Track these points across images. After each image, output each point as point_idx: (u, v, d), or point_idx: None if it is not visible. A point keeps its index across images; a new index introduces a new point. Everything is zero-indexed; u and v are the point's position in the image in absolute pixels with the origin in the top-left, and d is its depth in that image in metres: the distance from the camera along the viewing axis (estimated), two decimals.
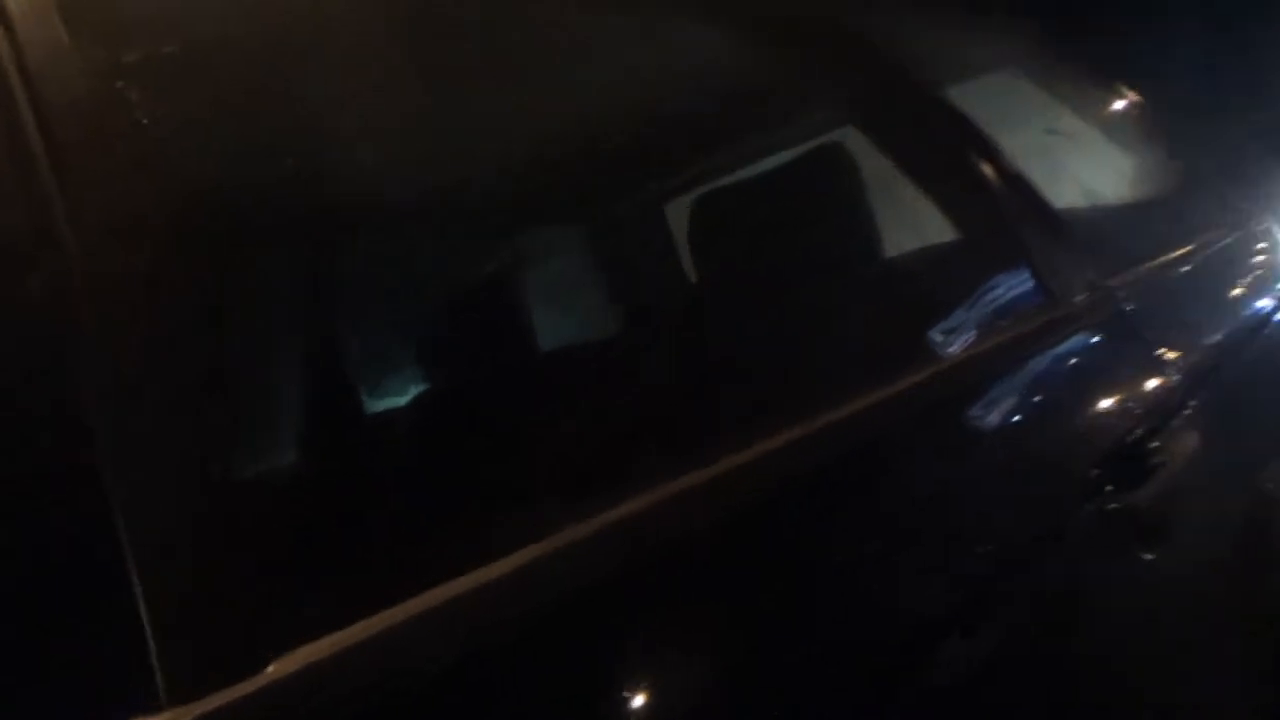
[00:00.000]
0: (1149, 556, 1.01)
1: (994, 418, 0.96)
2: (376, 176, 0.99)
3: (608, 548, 0.61)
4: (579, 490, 0.67)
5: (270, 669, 0.45)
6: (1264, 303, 1.71)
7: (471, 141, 1.17)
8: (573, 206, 1.69)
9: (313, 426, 0.67)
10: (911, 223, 1.32)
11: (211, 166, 0.70)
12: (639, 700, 0.57)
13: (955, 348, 1.02)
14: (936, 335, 1.05)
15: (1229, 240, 1.84)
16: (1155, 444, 1.11)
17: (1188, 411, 1.22)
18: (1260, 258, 1.94)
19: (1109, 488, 0.99)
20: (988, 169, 1.30)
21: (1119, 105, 2.14)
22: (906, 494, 0.82)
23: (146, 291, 0.50)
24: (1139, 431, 1.10)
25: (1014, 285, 1.20)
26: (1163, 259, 1.56)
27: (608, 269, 1.81)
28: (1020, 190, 1.31)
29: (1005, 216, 1.24)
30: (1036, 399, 1.03)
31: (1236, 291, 1.69)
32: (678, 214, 1.70)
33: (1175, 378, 1.26)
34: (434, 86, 1.07)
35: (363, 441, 0.69)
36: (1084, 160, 1.69)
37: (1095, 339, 1.19)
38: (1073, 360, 1.13)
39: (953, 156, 1.29)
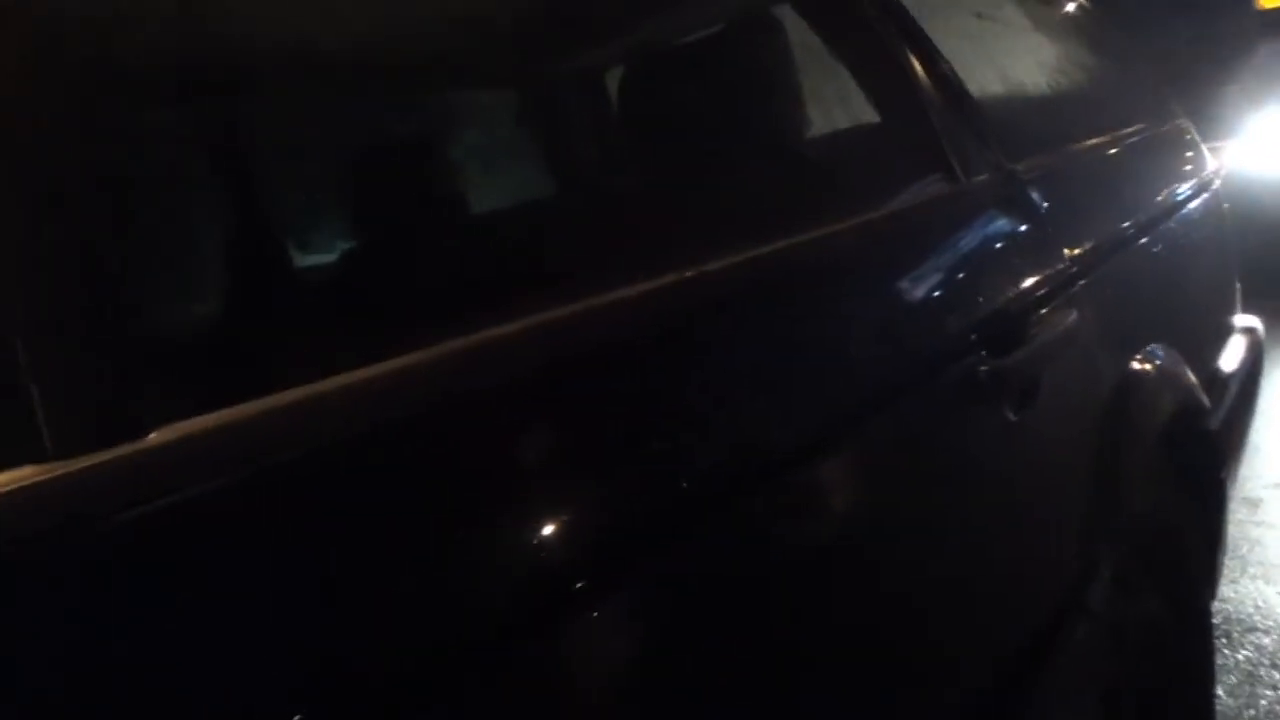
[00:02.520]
0: (1013, 418, 1.09)
1: (880, 274, 1.02)
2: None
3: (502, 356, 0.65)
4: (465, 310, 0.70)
5: (152, 436, 0.49)
6: (1165, 200, 1.78)
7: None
8: (503, 72, 1.69)
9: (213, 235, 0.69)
10: (831, 92, 1.35)
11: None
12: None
13: (854, 210, 1.07)
14: (839, 198, 1.10)
15: (1144, 138, 1.90)
16: (1034, 316, 1.18)
17: (1073, 291, 1.30)
18: (1172, 159, 2.01)
19: (983, 351, 1.06)
20: (908, 46, 1.33)
21: (1060, 3, 2.15)
22: (790, 336, 0.87)
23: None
24: (1020, 303, 1.17)
25: (919, 159, 1.24)
26: (1073, 148, 1.62)
27: (539, 133, 1.81)
28: (937, 69, 1.34)
29: (918, 93, 1.28)
30: (925, 263, 1.09)
31: (1141, 186, 1.76)
32: (611, 80, 1.71)
33: (1065, 259, 1.32)
34: None
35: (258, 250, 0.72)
36: (1009, 47, 1.72)
37: (991, 216, 1.25)
38: (966, 233, 1.19)
39: (875, 32, 1.31)
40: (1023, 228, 1.29)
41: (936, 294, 1.08)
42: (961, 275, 1.14)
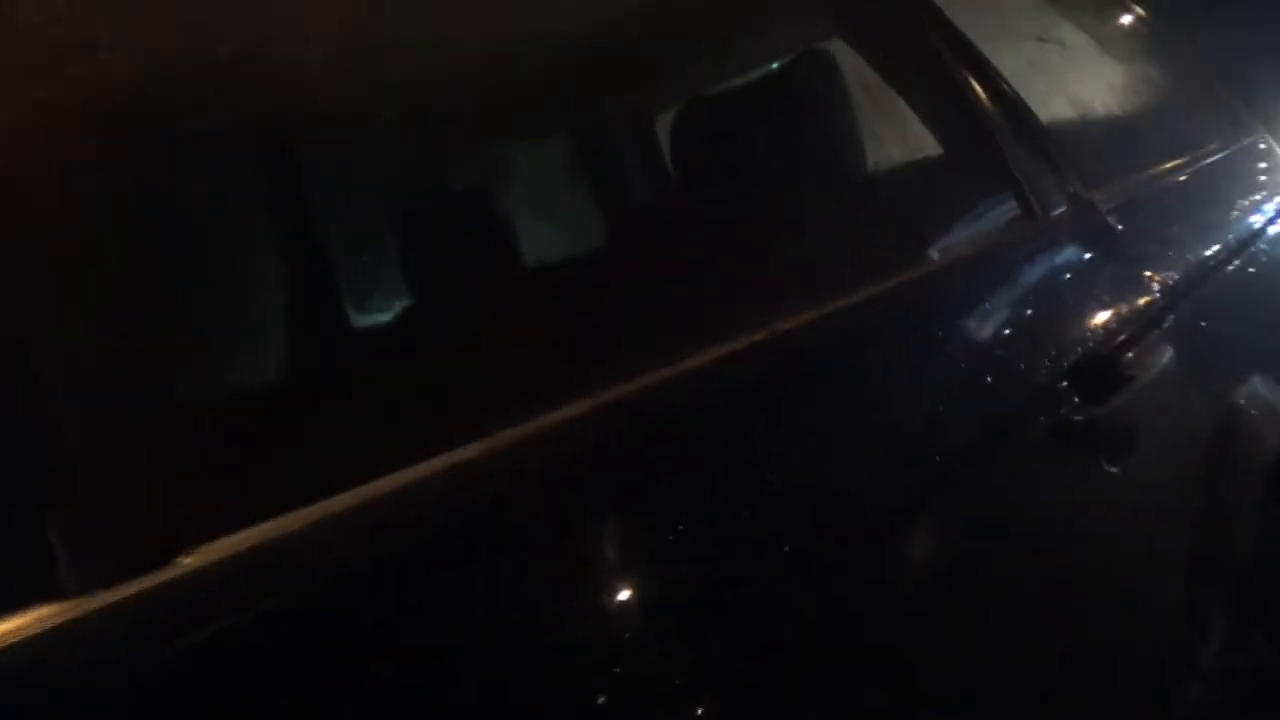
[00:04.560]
0: (1113, 469, 1.01)
1: (962, 323, 0.95)
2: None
3: (549, 446, 0.60)
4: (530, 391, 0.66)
5: (184, 561, 0.44)
6: (1253, 220, 1.68)
7: (443, 45, 1.13)
8: (552, 115, 1.66)
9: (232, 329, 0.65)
10: (892, 130, 1.29)
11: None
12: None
13: (928, 255, 1.01)
14: (910, 243, 1.03)
15: (1222, 156, 1.80)
16: (1127, 357, 1.09)
17: (1165, 325, 1.21)
18: (1254, 175, 1.91)
19: (1076, 399, 0.98)
20: (972, 77, 1.26)
21: (1117, 16, 2.08)
22: (868, 393, 0.81)
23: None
24: (1111, 344, 1.09)
25: (992, 195, 1.17)
26: (1150, 173, 1.53)
27: (590, 178, 1.77)
28: (1004, 99, 1.27)
29: (986, 125, 1.21)
30: (1007, 307, 1.01)
31: (1225, 207, 1.66)
32: (662, 123, 1.66)
33: (1154, 292, 1.24)
34: None
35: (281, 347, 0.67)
36: (1075, 70, 1.64)
37: (1073, 251, 1.17)
38: (1048, 271, 1.11)
39: (937, 64, 1.25)
40: (1106, 261, 1.21)
41: (1021, 339, 1.01)
42: (1046, 317, 1.07)
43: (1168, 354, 1.15)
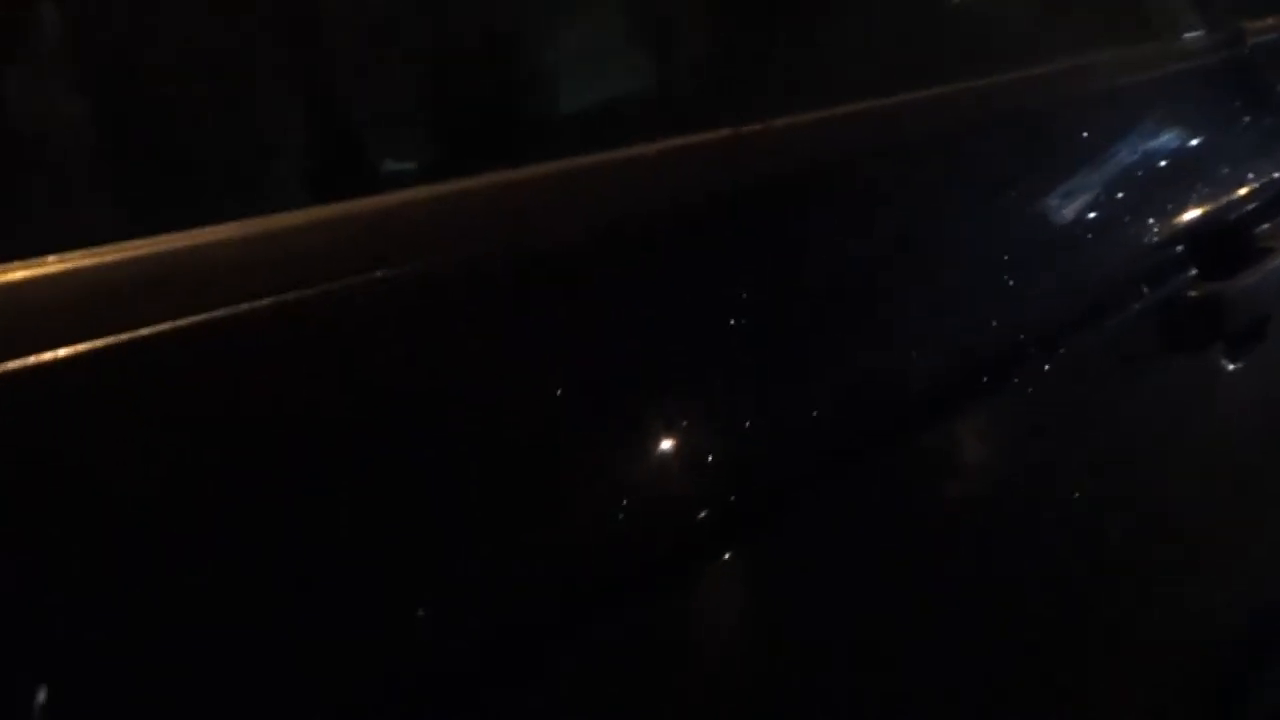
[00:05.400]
0: (1231, 366, 0.79)
1: (1053, 158, 0.72)
2: None
3: None
4: None
5: None
6: None
7: None
8: None
9: None
10: None
11: None
12: None
13: (1042, 59, 0.78)
14: (1023, 43, 0.80)
15: None
16: (1263, 226, 0.86)
17: None
18: None
19: (1193, 270, 0.76)
20: None
21: None
22: (926, 233, 0.61)
23: None
24: (1245, 207, 0.85)
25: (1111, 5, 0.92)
26: None
27: None
28: None
29: None
30: (1114, 143, 0.78)
31: None
32: None
33: None
34: None
35: None
36: None
37: (1212, 84, 0.92)
38: (1171, 105, 0.87)
39: None
40: (1253, 105, 0.96)
41: (1130, 189, 0.78)
42: (1165, 164, 0.83)
43: None
